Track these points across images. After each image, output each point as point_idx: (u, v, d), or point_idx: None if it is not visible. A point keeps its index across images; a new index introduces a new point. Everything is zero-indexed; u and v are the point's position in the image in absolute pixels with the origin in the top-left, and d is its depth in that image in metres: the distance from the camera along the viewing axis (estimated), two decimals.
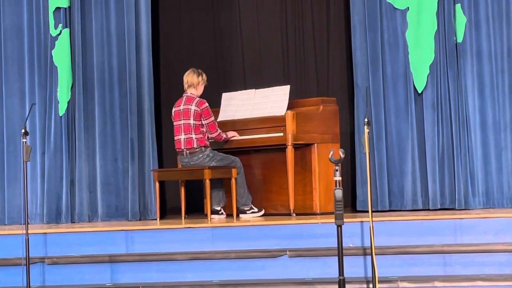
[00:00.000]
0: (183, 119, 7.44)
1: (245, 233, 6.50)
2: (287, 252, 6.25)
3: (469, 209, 7.28)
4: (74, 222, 7.81)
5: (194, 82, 7.53)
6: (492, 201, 7.40)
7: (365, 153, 5.62)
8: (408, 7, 7.55)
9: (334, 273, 5.59)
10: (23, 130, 6.15)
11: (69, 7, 8.01)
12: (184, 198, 7.67)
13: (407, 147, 7.51)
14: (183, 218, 7.55)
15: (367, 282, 5.89)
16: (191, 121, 7.40)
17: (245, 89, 8.22)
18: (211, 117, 7.45)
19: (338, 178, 5.43)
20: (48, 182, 7.87)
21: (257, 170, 7.92)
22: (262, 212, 7.62)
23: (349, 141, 8.19)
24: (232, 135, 7.67)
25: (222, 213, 7.68)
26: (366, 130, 5.62)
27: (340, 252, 5.43)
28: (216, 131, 7.50)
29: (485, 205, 7.40)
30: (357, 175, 7.59)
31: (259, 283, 6.07)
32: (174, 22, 9.38)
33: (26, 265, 6.00)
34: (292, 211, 7.38)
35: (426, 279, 5.88)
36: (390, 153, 7.55)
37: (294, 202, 7.39)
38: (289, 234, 6.41)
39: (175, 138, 7.52)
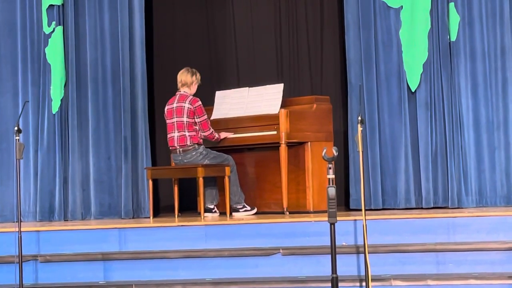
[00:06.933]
0: (176, 117, 7.43)
1: (238, 231, 6.50)
2: (280, 250, 6.25)
3: (462, 208, 7.29)
4: (67, 220, 7.80)
5: (188, 81, 7.52)
6: (485, 199, 7.40)
7: (359, 151, 5.63)
8: (402, 6, 7.55)
9: (327, 271, 5.59)
10: (16, 128, 6.12)
11: (63, 4, 7.99)
12: (177, 196, 7.66)
13: (400, 146, 7.51)
14: (176, 216, 7.54)
15: (360, 281, 5.90)
16: (185, 119, 7.39)
17: (239, 87, 8.20)
18: (204, 115, 7.45)
19: (331, 176, 5.43)
20: (41, 180, 7.86)
21: (250, 169, 7.92)
22: (255, 210, 7.61)
23: (342, 140, 8.19)
24: (225, 135, 7.66)
25: (215, 211, 7.67)
26: (360, 129, 5.62)
27: (333, 250, 5.43)
28: (209, 130, 7.50)
29: (478, 204, 7.40)
30: (350, 173, 7.60)
31: (252, 281, 6.07)
32: (168, 20, 9.36)
33: (18, 263, 5.98)
34: (285, 210, 7.38)
35: (419, 278, 5.89)
36: (383, 152, 7.55)
37: (287, 201, 7.39)
38: (282, 232, 6.41)
39: (168, 136, 7.51)
